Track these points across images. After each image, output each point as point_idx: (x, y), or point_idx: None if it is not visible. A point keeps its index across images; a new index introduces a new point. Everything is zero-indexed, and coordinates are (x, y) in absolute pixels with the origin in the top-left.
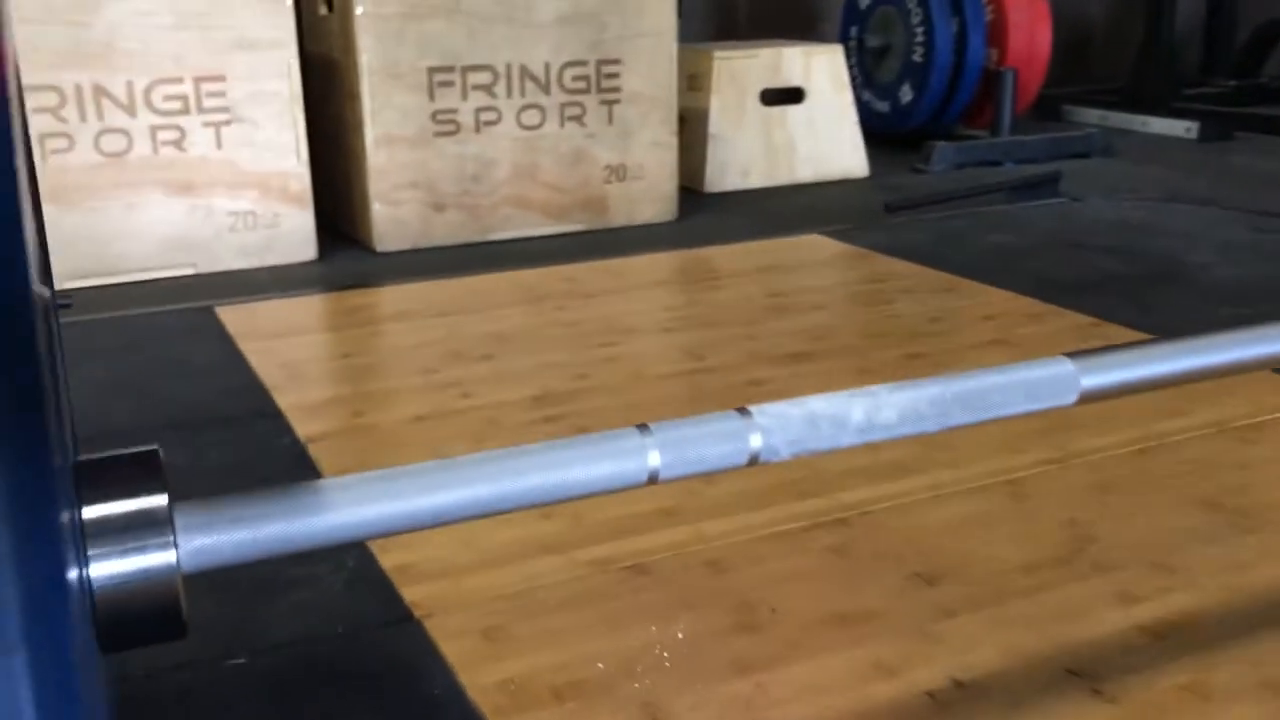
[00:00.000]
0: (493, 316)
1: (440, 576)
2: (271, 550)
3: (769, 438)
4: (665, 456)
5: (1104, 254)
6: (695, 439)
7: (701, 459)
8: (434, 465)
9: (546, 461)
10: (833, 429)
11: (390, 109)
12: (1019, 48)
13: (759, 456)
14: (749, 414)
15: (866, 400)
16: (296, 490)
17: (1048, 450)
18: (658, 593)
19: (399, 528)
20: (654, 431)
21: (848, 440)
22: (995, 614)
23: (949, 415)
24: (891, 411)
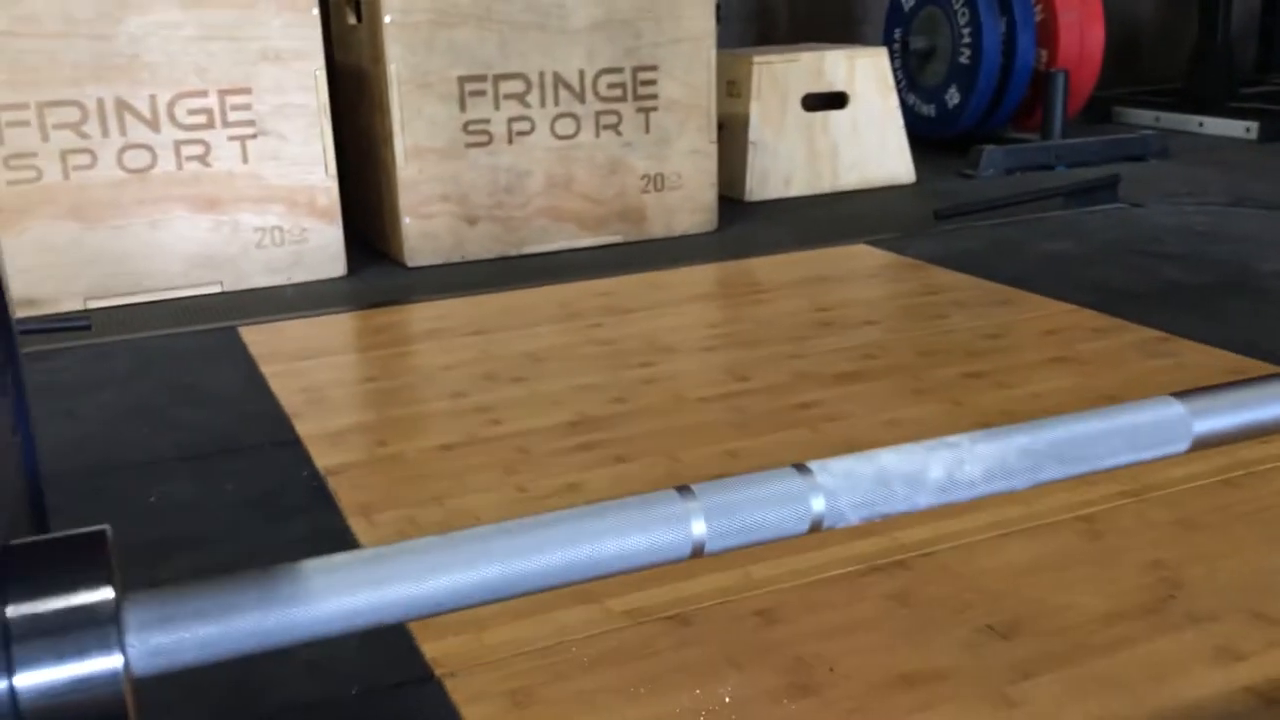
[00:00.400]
0: (527, 335)
1: (463, 629)
2: (242, 648)
3: (833, 500)
4: (712, 525)
5: (1169, 262)
6: (747, 504)
7: (754, 527)
8: (436, 542)
9: (569, 535)
10: (907, 488)
11: (420, 120)
12: (1070, 48)
13: (822, 522)
14: (809, 472)
15: (947, 454)
16: (273, 575)
17: (1122, 482)
18: (702, 648)
19: (395, 616)
20: (698, 495)
21: (925, 501)
22: (1079, 674)
23: (1041, 469)
24: (975, 466)
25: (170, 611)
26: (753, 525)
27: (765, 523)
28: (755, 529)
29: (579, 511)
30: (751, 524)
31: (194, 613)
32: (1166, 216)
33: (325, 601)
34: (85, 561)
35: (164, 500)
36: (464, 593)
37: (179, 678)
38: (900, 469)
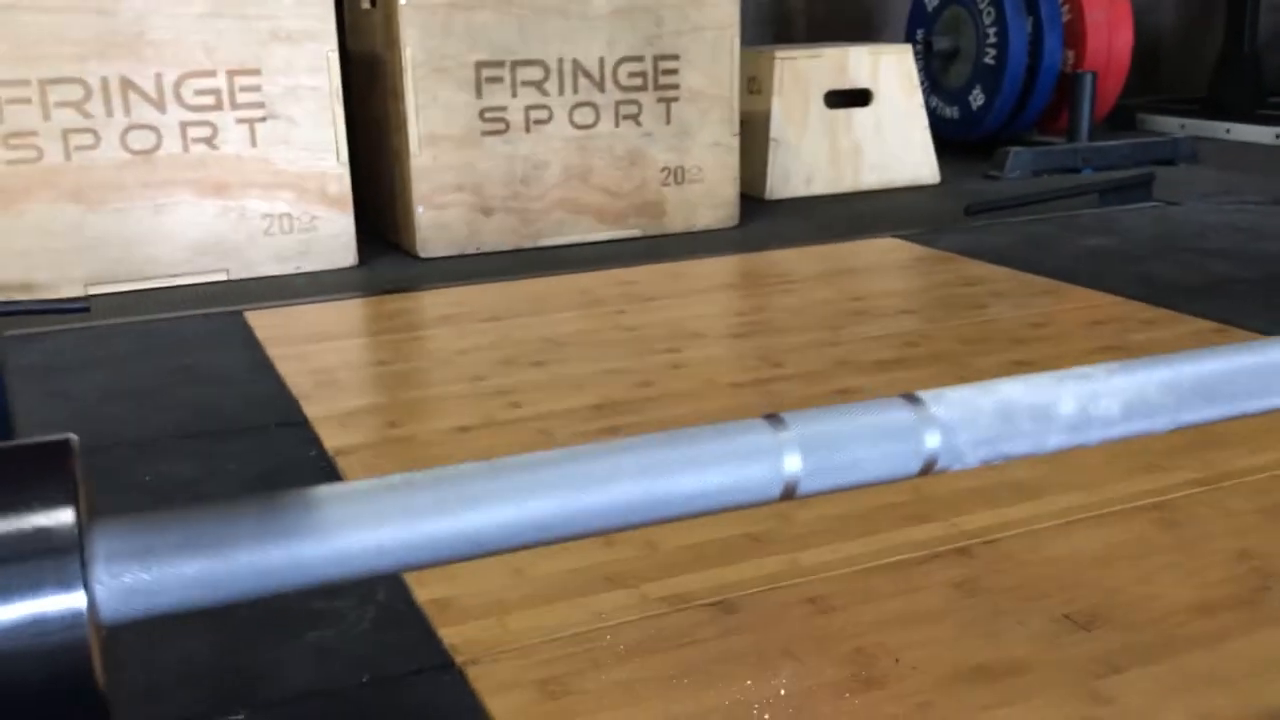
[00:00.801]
0: (546, 321)
1: (486, 614)
2: (237, 590)
3: (950, 436)
4: (809, 460)
5: (1216, 258)
6: (848, 437)
7: (857, 464)
8: (479, 469)
9: (634, 465)
10: (1034, 424)
11: (435, 106)
12: (1097, 50)
13: (936, 462)
14: (920, 403)
15: (1079, 386)
16: (277, 503)
17: (1194, 470)
18: (751, 636)
19: (427, 556)
20: (790, 425)
21: (1054, 441)
22: (1174, 669)
23: (1185, 407)
24: (1113, 401)
25: (148, 542)
26: (855, 463)
27: (869, 460)
28: (857, 467)
29: (647, 440)
30: (853, 461)
31: (179, 544)
32: (1206, 215)
33: (342, 535)
34: (41, 475)
35: (159, 478)
36: (512, 529)
37: (168, 660)
38: (1026, 401)
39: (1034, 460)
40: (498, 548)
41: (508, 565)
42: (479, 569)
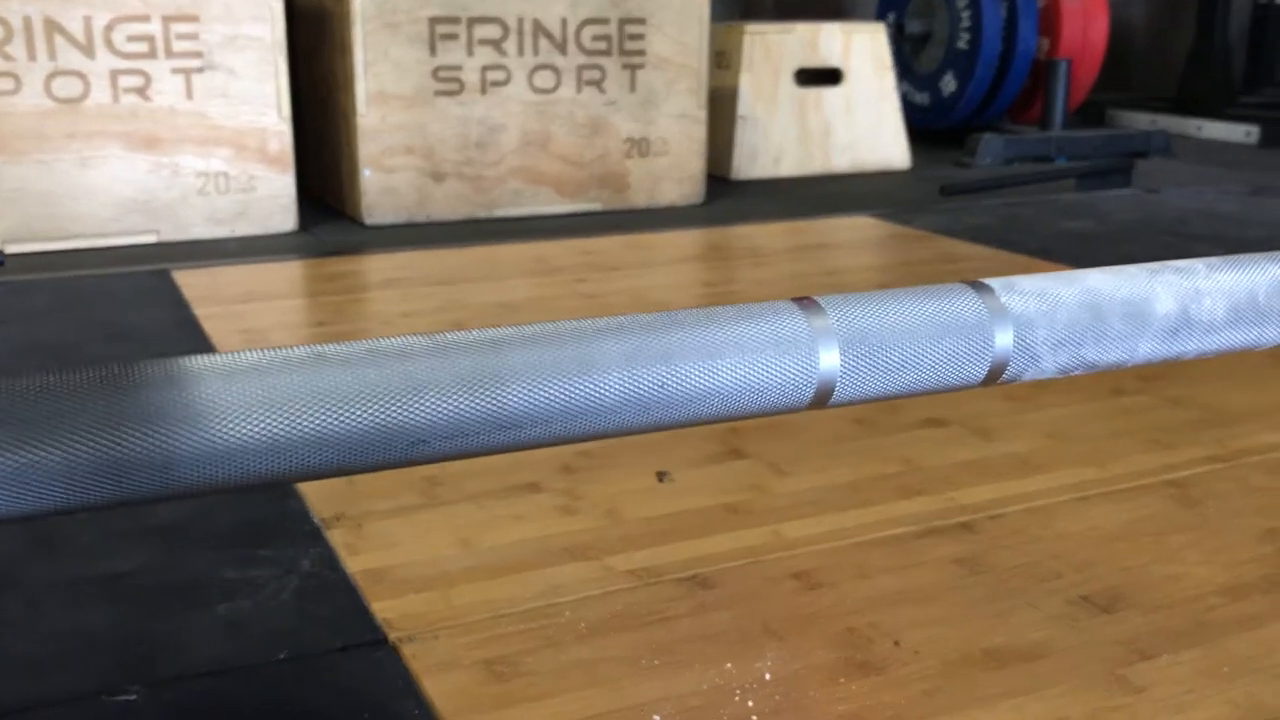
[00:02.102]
0: (499, 287)
1: (426, 586)
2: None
3: (1025, 333)
4: (850, 357)
5: (1200, 242)
6: (899, 330)
7: (908, 365)
8: (420, 345)
9: (616, 351)
10: (1126, 325)
11: (385, 62)
12: (1073, 37)
13: (1006, 366)
14: (988, 291)
15: (1177, 282)
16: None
17: (1207, 446)
18: (730, 614)
19: (337, 460)
20: (828, 311)
21: (1146, 349)
22: (1209, 655)
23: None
24: (1217, 302)
25: None
26: (906, 363)
27: (925, 360)
28: (909, 368)
29: (648, 320)
30: (904, 360)
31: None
32: (1187, 202)
33: (219, 424)
34: None
35: None
36: (461, 425)
37: (56, 631)
38: (1117, 294)
39: (1031, 431)
40: (440, 451)
41: (453, 534)
42: (417, 538)
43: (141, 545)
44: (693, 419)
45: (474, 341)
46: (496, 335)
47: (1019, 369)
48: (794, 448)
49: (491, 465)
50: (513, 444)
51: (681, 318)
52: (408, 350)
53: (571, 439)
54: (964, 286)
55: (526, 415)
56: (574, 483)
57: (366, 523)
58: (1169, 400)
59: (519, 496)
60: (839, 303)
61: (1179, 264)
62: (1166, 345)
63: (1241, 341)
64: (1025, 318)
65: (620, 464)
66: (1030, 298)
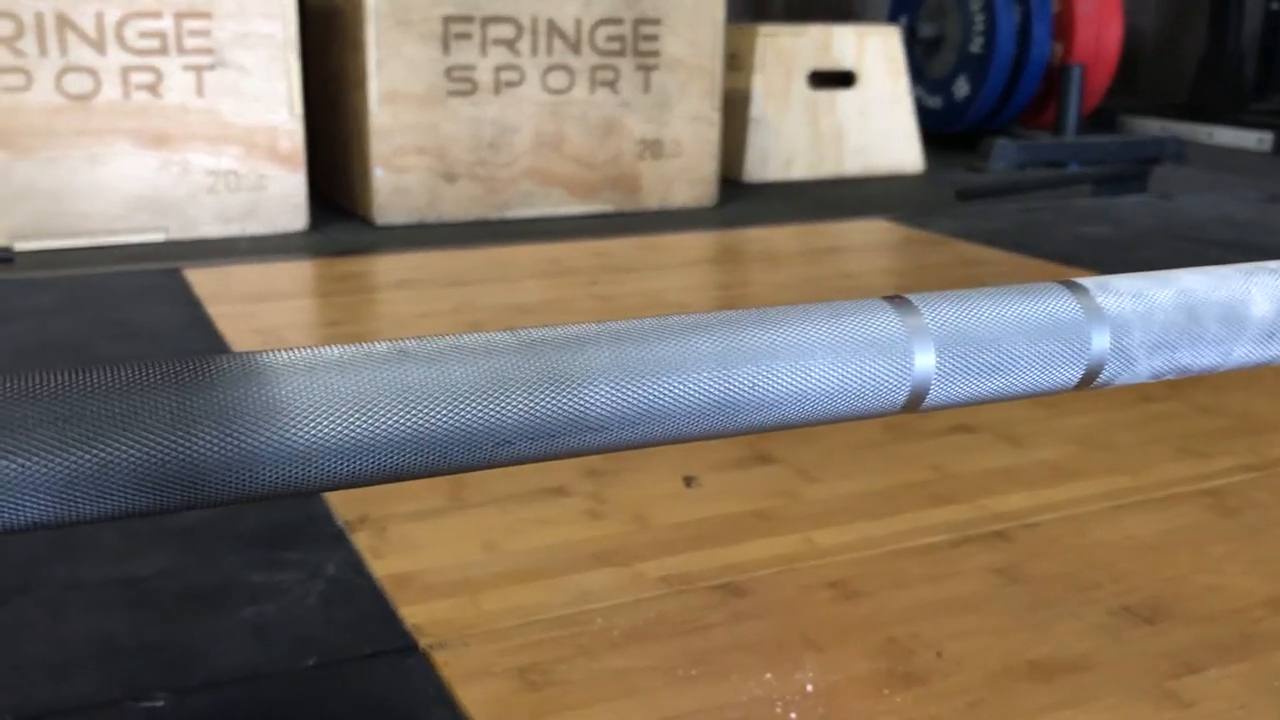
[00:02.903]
0: (513, 289)
1: (454, 592)
2: (113, 503)
3: (1122, 336)
4: (946, 358)
5: (1218, 248)
6: (996, 330)
7: (1005, 367)
8: (490, 342)
9: (706, 349)
10: (1223, 327)
11: (398, 61)
12: (1086, 42)
13: (1101, 369)
14: (1083, 291)
15: (1273, 284)
16: (196, 370)
17: (1240, 455)
18: (766, 623)
19: (405, 467)
20: (922, 310)
21: (1241, 353)
22: (1257, 669)
23: None
24: None
25: None
26: (1003, 365)
27: (1022, 362)
28: (1006, 370)
29: (738, 316)
30: (1001, 362)
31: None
32: (1202, 208)
33: (291, 424)
34: None
35: None
36: (540, 429)
37: (80, 636)
38: (1213, 296)
39: (1061, 439)
40: (526, 452)
41: (478, 538)
42: (443, 542)
43: (164, 548)
44: (783, 423)
45: (559, 338)
46: (581, 332)
47: (1114, 372)
48: (822, 453)
49: (516, 468)
50: (598, 446)
51: (772, 315)
52: (493, 347)
53: (658, 441)
54: (1058, 286)
55: (613, 416)
56: (600, 486)
57: (391, 526)
58: (1199, 408)
59: (545, 500)
60: (932, 301)
61: (1273, 265)
62: (1262, 349)
63: None
64: (1122, 319)
65: (647, 468)
66: (1126, 298)
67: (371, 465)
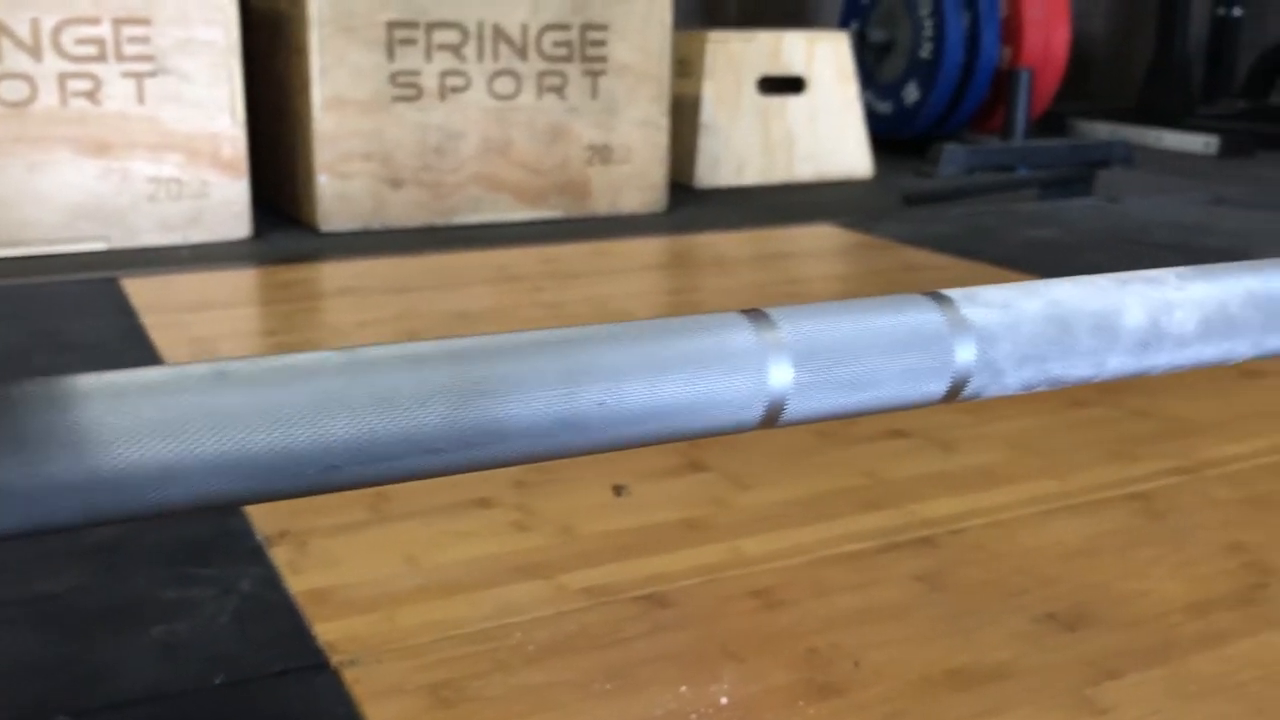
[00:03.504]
0: (457, 296)
1: (372, 607)
2: None
3: (987, 347)
4: (804, 372)
5: (1164, 251)
6: (855, 343)
7: (864, 380)
8: (330, 361)
9: (550, 369)
10: (1095, 339)
11: (342, 67)
12: (1035, 47)
13: (968, 382)
14: (948, 303)
15: (1148, 293)
16: None
17: (1169, 458)
18: (687, 634)
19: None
20: (779, 324)
21: (1116, 363)
22: (1174, 674)
23: (1274, 329)
24: (1189, 315)
25: None
26: (862, 378)
27: (882, 376)
28: (865, 384)
29: (586, 333)
30: (860, 376)
31: None
32: (1149, 211)
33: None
34: None
35: None
36: (375, 452)
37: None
38: (1085, 307)
39: (993, 443)
40: (356, 476)
41: (400, 552)
42: (363, 556)
43: (74, 565)
44: (634, 440)
45: (389, 358)
46: (415, 351)
47: (981, 385)
48: (755, 461)
49: (442, 479)
50: (435, 469)
51: (621, 331)
52: (318, 367)
53: (501, 463)
54: (923, 298)
55: (448, 438)
56: (527, 498)
57: (311, 540)
58: (1131, 411)
59: (470, 512)
60: (791, 315)
61: (1149, 274)
62: (1136, 360)
63: (1213, 355)
64: (988, 331)
65: (576, 478)
66: (993, 309)
67: (185, 492)
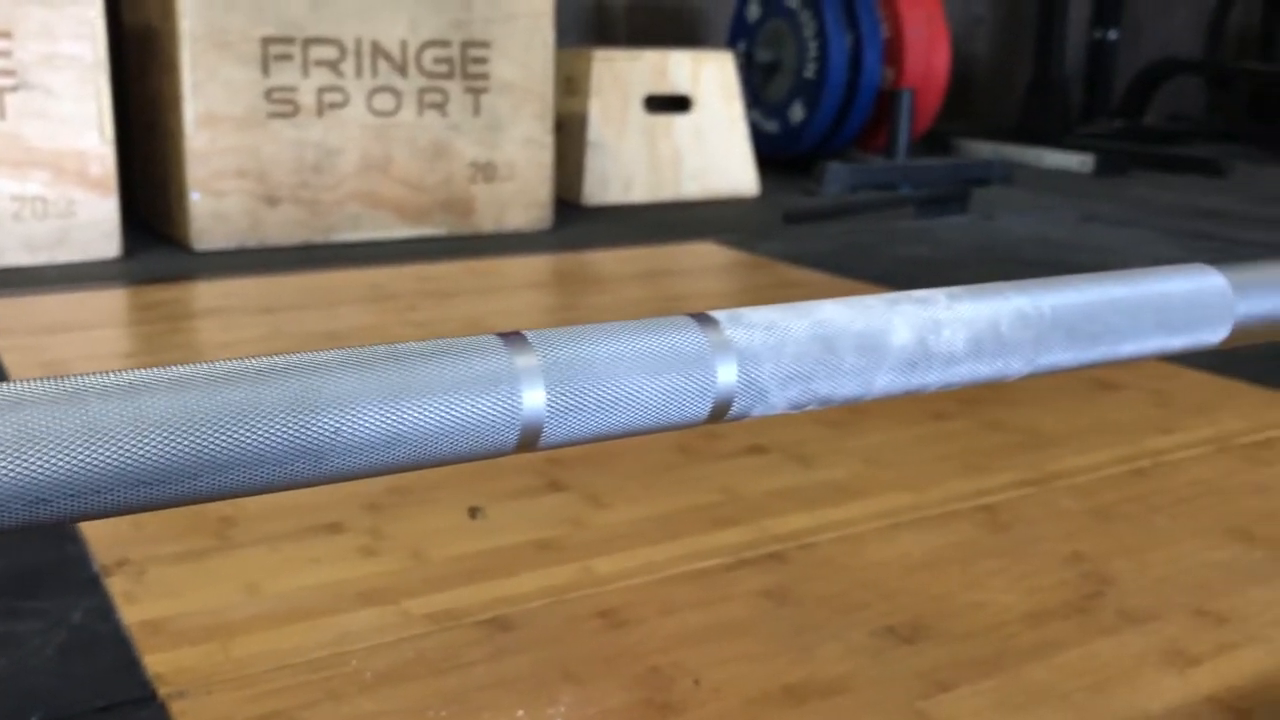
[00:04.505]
0: (328, 315)
1: (207, 637)
2: None
3: (750, 368)
4: (557, 394)
5: (1032, 267)
6: (612, 366)
7: (623, 403)
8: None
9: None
10: (861, 358)
11: (215, 83)
12: (916, 67)
13: (731, 404)
14: (712, 323)
15: (916, 313)
16: None
17: (1020, 470)
18: (527, 657)
19: None
20: (535, 346)
21: (884, 382)
22: (1005, 684)
23: (1046, 345)
24: (958, 334)
25: None
26: (620, 401)
27: (641, 398)
28: (624, 407)
29: (321, 358)
30: (618, 398)
31: None
32: (1021, 228)
33: None
34: None
35: None
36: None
37: None
38: (851, 327)
39: (850, 457)
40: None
41: (242, 579)
42: (203, 584)
43: None
44: (379, 468)
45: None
46: (132, 379)
47: (746, 405)
48: (615, 478)
49: (293, 504)
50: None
51: (363, 355)
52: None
53: (234, 493)
54: (688, 319)
55: (164, 471)
56: (380, 521)
57: (151, 568)
58: (988, 424)
59: (318, 538)
60: (547, 338)
61: (920, 294)
62: (905, 378)
63: (985, 373)
64: (750, 351)
65: (432, 500)
66: (757, 330)
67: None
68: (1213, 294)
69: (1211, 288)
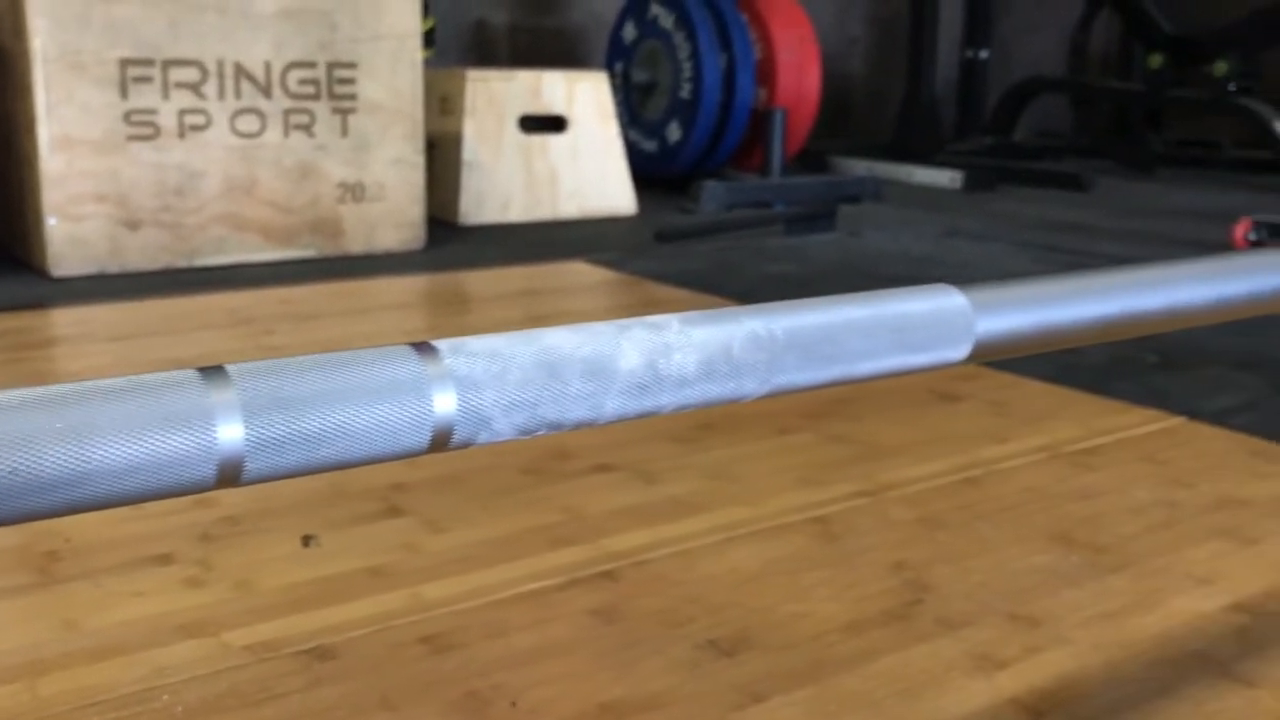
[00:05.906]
0: (181, 342)
1: (14, 677)
2: None
3: (470, 396)
4: (255, 430)
5: (889, 282)
6: (318, 397)
7: (330, 436)
8: None
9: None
10: (588, 383)
11: (70, 105)
12: (788, 88)
13: (453, 432)
14: (432, 351)
15: (646, 337)
16: None
17: (855, 482)
18: (345, 686)
19: None
20: (234, 378)
21: (614, 407)
22: (818, 694)
23: (779, 367)
24: (689, 357)
25: None
26: (327, 434)
27: (351, 430)
28: (332, 440)
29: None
30: (325, 431)
31: None
32: (885, 244)
33: None
34: None
35: None
36: None
37: None
38: (578, 353)
39: (693, 473)
40: None
41: (59, 616)
42: (17, 622)
43: None
44: (63, 509)
45: None
46: None
47: (469, 434)
48: (455, 502)
49: (124, 536)
50: None
51: (49, 394)
52: None
53: None
54: (406, 349)
55: None
56: (210, 552)
57: None
58: (831, 437)
59: (145, 570)
60: (249, 371)
61: (652, 320)
62: (636, 402)
63: (719, 394)
64: (471, 380)
65: (266, 529)
66: (479, 359)
67: None
68: (953, 313)
69: (952, 307)
